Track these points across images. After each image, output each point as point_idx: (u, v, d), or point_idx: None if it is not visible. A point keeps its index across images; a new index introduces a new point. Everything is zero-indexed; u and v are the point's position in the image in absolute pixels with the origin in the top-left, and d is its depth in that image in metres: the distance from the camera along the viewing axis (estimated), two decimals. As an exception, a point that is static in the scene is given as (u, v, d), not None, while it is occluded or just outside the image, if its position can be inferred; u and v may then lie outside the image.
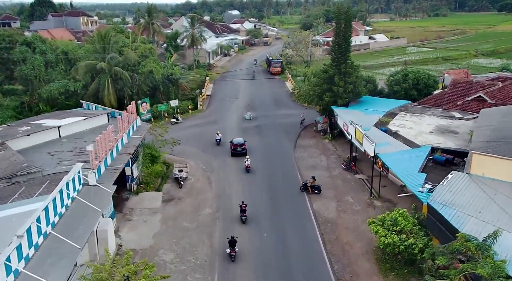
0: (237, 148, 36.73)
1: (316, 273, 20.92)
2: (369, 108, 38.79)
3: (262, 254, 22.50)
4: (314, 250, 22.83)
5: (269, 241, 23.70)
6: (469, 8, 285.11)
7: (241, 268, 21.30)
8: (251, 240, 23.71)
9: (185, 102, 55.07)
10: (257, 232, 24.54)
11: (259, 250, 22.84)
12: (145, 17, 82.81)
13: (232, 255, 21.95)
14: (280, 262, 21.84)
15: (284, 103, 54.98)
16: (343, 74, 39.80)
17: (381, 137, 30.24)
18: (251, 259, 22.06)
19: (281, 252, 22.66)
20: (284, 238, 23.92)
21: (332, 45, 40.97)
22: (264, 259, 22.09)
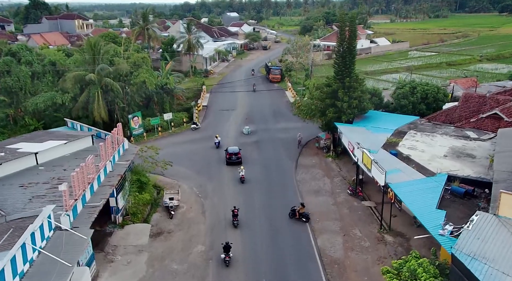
0: (232, 157, 36.63)
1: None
2: (376, 125, 36.16)
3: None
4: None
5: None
6: (470, 9, 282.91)
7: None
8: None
9: (180, 114, 52.35)
10: (254, 276, 21.82)
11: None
12: (139, 22, 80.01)
13: (226, 260, 22.38)
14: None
15: (284, 115, 52.25)
16: (347, 88, 37.17)
17: (391, 162, 27.59)
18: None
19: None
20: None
21: (336, 57, 38.31)
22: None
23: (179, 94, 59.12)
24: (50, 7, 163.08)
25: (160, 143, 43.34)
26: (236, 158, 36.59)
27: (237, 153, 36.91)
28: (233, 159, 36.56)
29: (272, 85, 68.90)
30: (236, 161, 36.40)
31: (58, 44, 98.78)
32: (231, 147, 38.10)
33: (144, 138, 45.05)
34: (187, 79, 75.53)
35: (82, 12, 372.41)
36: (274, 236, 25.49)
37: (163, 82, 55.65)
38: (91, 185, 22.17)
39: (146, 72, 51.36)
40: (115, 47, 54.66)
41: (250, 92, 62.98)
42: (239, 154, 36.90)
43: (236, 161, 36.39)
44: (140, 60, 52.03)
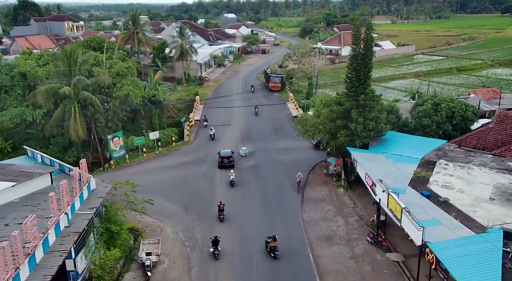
0: (224, 161, 36.63)
1: None
2: (397, 152, 30.48)
3: None
4: None
5: None
6: (471, 10, 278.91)
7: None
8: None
9: (169, 131, 46.57)
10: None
11: None
12: (129, 26, 74.20)
13: (215, 253, 23.48)
14: None
15: (286, 131, 46.57)
16: (362, 107, 31.52)
17: (425, 209, 21.94)
18: None
19: None
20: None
21: (349, 71, 32.61)
22: None
23: (169, 107, 53.43)
24: (40, 8, 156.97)
25: (144, 168, 37.75)
26: (228, 161, 36.59)
27: (230, 156, 36.85)
28: (225, 162, 36.55)
29: (271, 95, 63.13)
30: (228, 165, 36.32)
31: (44, 47, 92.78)
32: (223, 150, 38.08)
33: (126, 161, 39.28)
34: (179, 87, 69.85)
35: (78, 13, 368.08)
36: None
37: (151, 94, 49.90)
38: (32, 256, 16.40)
39: (130, 83, 45.71)
40: (96, 55, 48.92)
41: (247, 101, 57.10)
42: (231, 157, 36.87)
43: (228, 165, 36.32)
44: (124, 69, 46.36)
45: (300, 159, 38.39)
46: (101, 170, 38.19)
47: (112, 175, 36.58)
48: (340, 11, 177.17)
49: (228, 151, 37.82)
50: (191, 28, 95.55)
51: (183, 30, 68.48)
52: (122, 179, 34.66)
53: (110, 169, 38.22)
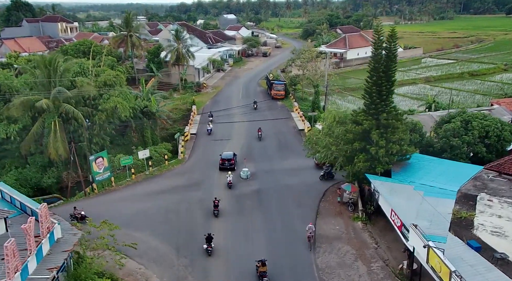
0: (225, 163, 35.99)
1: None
2: (426, 181, 25.88)
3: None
4: None
5: None
6: (474, 11, 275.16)
7: None
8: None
9: (162, 147, 41.85)
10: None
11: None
12: (122, 28, 69.55)
13: (209, 250, 24.10)
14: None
15: (291, 147, 41.95)
16: (383, 127, 26.93)
17: (477, 269, 17.31)
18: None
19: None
20: None
21: (368, 85, 28.00)
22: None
23: (163, 118, 48.78)
24: (34, 8, 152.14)
25: (131, 193, 33.12)
26: (229, 164, 35.93)
27: (231, 159, 36.27)
28: (226, 165, 35.84)
29: (274, 104, 58.40)
30: (229, 167, 35.59)
31: (34, 50, 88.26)
32: (225, 152, 37.59)
33: (112, 185, 34.59)
34: (175, 94, 65.25)
35: (77, 13, 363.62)
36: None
37: (142, 105, 45.26)
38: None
39: (119, 94, 41.09)
40: (81, 62, 44.24)
41: (248, 115, 52.33)
42: (232, 160, 36.25)
43: (229, 167, 35.60)
44: (112, 78, 41.66)
45: (308, 182, 33.78)
46: (82, 195, 33.55)
47: (94, 201, 32.01)
48: (343, 12, 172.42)
49: (230, 153, 37.28)
50: (189, 30, 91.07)
51: (180, 33, 63.77)
52: (105, 207, 30.30)
53: (93, 193, 33.58)
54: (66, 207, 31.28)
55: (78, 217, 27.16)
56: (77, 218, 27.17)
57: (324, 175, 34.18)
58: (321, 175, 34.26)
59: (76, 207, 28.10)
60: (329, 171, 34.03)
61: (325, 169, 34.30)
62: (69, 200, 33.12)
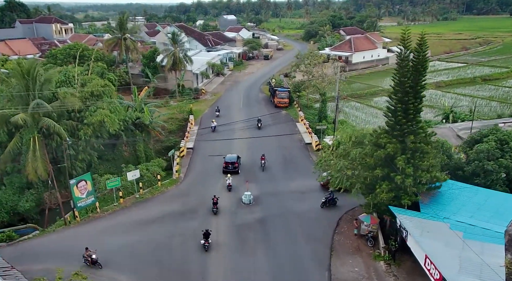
0: (229, 167, 35.52)
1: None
2: (462, 216, 21.93)
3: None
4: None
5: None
6: (478, 11, 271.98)
7: None
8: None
9: (155, 164, 37.81)
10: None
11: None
12: (115, 31, 65.53)
13: (206, 245, 24.94)
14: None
15: (298, 165, 37.91)
16: (410, 152, 22.99)
17: None
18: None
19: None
20: None
21: (392, 103, 24.01)
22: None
23: (158, 130, 44.78)
24: (29, 9, 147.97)
25: (117, 221, 29.16)
26: (233, 167, 35.48)
27: (234, 162, 35.75)
28: (230, 168, 35.40)
29: (278, 113, 54.26)
30: (232, 171, 35.17)
31: (25, 53, 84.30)
32: (229, 155, 36.95)
33: (96, 211, 30.57)
34: (172, 101, 61.23)
35: (76, 13, 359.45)
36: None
37: (133, 117, 41.25)
38: None
39: (107, 106, 37.09)
40: (67, 70, 40.24)
41: (250, 130, 47.92)
42: (236, 163, 35.75)
43: (233, 171, 35.21)
44: (100, 89, 37.65)
45: (318, 209, 29.80)
46: (62, 224, 29.51)
47: (74, 232, 28.04)
48: (345, 13, 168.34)
49: (234, 156, 36.66)
50: (187, 32, 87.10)
51: (176, 36, 59.74)
52: (87, 239, 26.30)
53: (74, 222, 29.53)
54: (42, 240, 27.38)
55: (89, 260, 23.26)
56: (88, 261, 23.29)
57: (325, 202, 29.96)
58: (322, 202, 29.97)
59: (88, 248, 23.86)
60: (331, 198, 29.97)
61: (326, 196, 30.17)
62: (46, 230, 29.07)
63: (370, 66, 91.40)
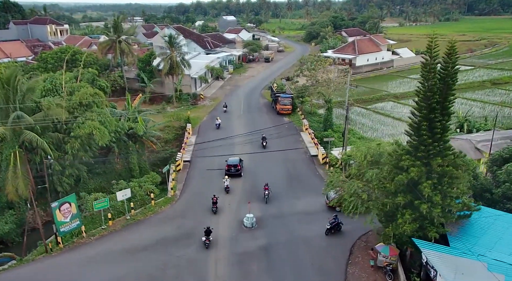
0: (231, 169, 34.97)
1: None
2: (499, 254, 18.99)
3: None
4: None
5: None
6: (479, 12, 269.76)
7: None
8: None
9: (148, 181, 34.78)
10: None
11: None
12: (109, 33, 62.57)
13: (206, 243, 25.30)
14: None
15: (303, 180, 34.98)
16: (437, 177, 20.08)
17: None
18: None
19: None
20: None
21: (418, 120, 21.02)
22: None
23: (153, 141, 41.80)
24: (24, 9, 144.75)
25: (104, 248, 26.21)
26: (235, 170, 34.98)
27: (237, 165, 35.22)
28: (232, 171, 34.87)
29: (280, 121, 51.27)
30: (234, 173, 34.80)
31: (17, 56, 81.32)
32: (231, 158, 36.33)
33: (82, 236, 27.56)
34: (169, 107, 58.30)
35: (75, 13, 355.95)
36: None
37: (126, 127, 38.26)
38: None
39: (98, 115, 34.11)
40: (53, 77, 37.26)
41: (253, 144, 44.78)
42: (238, 166, 35.25)
43: (235, 173, 34.85)
44: (89, 97, 34.70)
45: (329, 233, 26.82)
46: (42, 251, 26.50)
47: (56, 262, 25.04)
48: (347, 14, 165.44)
49: (236, 159, 36.06)
50: (186, 34, 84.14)
51: (173, 39, 56.76)
52: (68, 272, 23.40)
53: (56, 249, 26.52)
54: (19, 272, 24.38)
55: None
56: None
57: (330, 229, 26.72)
58: (327, 228, 26.66)
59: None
60: (336, 223, 26.75)
61: (330, 221, 26.85)
62: (24, 259, 26.07)
63: (374, 69, 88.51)
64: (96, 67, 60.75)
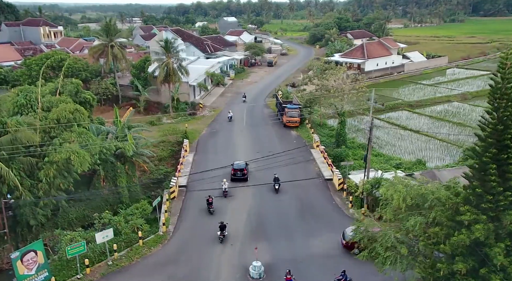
0: (237, 173, 33.78)
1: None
2: None
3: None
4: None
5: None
6: (484, 13, 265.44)
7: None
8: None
9: (137, 209, 29.72)
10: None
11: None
12: (100, 37, 57.70)
13: (220, 237, 25.51)
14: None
15: (318, 211, 29.98)
16: (510, 238, 15.08)
17: None
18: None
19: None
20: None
21: (484, 160, 15.95)
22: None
23: (145, 161, 36.85)
24: (18, 10, 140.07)
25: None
26: (241, 174, 33.88)
27: (243, 169, 34.02)
28: (238, 175, 33.88)
29: (287, 135, 46.33)
30: (241, 178, 33.75)
31: (5, 59, 76.71)
32: (237, 162, 34.98)
33: (52, 286, 22.59)
34: (165, 118, 53.39)
35: (74, 13, 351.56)
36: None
37: (112, 148, 33.26)
38: None
39: (79, 136, 29.22)
40: (28, 90, 32.29)
41: (255, 156, 39.83)
42: (244, 170, 34.01)
43: (242, 178, 33.77)
44: (68, 114, 29.80)
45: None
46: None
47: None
48: (352, 15, 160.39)
49: (242, 163, 34.75)
50: (184, 37, 79.23)
51: (170, 44, 51.79)
52: None
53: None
54: None
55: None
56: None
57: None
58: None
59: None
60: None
61: (337, 278, 21.85)
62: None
63: (384, 75, 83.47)
64: (86, 74, 55.96)
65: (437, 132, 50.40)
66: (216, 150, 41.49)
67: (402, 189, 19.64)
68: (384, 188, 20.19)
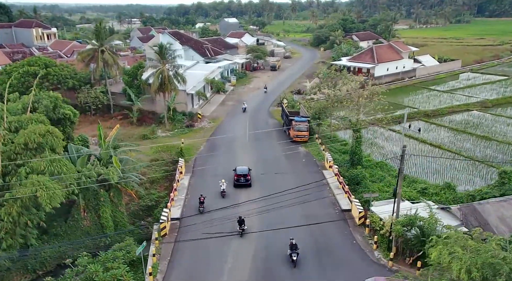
0: (240, 179, 32.88)
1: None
2: None
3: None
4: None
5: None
6: (490, 13, 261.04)
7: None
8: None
9: (120, 251, 24.81)
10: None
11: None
12: (89, 41, 52.86)
13: (240, 231, 25.90)
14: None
15: (336, 252, 25.09)
16: None
17: None
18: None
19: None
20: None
21: None
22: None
23: (133, 187, 31.98)
24: (11, 11, 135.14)
25: None
26: (245, 180, 32.78)
27: (246, 174, 32.92)
28: (242, 181, 32.77)
29: (295, 152, 41.42)
30: (244, 184, 32.69)
31: (-6, 64, 71.62)
32: (240, 167, 33.96)
33: None
34: (160, 130, 48.61)
35: (74, 14, 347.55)
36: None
37: (94, 174, 28.41)
38: None
39: (49, 164, 24.39)
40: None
41: (259, 179, 34.93)
42: (248, 175, 32.89)
43: (245, 184, 32.71)
44: (39, 138, 24.92)
45: None
46: None
47: None
48: (357, 16, 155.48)
49: (245, 168, 33.96)
50: (183, 40, 74.41)
51: (165, 50, 46.91)
52: None
53: None
54: None
55: None
56: None
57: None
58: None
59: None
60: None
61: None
62: None
63: (395, 80, 78.51)
64: (73, 82, 51.15)
65: (460, 146, 45.46)
66: (216, 171, 36.54)
67: (462, 255, 14.70)
68: (436, 251, 15.28)
